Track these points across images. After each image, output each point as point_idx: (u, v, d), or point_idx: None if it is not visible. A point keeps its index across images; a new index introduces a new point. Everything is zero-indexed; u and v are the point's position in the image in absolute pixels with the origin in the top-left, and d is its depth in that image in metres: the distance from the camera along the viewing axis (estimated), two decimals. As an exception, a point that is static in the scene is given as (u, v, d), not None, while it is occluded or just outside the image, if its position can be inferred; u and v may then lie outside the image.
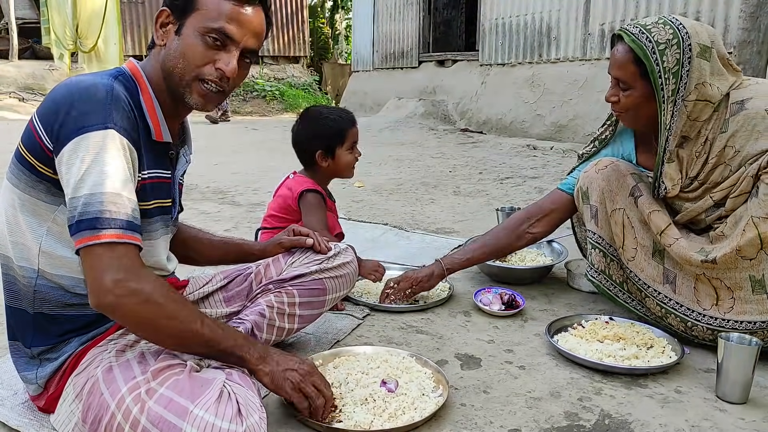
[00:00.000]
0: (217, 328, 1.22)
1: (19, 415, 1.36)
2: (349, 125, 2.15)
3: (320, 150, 2.13)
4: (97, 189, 1.10)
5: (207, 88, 1.26)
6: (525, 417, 1.42)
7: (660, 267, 1.80)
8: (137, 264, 1.14)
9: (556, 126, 6.66)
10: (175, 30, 1.26)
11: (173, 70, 1.26)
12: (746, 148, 1.66)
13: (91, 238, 1.09)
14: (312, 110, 2.22)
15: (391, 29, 10.11)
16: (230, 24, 1.23)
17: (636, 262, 1.83)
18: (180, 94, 1.28)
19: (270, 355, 1.27)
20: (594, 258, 1.92)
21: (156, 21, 1.27)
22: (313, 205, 2.10)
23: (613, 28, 6.14)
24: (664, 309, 1.78)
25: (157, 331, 1.16)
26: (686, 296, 1.74)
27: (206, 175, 4.81)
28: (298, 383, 1.26)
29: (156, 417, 1.10)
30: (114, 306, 1.11)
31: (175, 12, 1.25)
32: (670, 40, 1.66)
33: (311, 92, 15.53)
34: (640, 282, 1.82)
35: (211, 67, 1.24)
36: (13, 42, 12.56)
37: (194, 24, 1.23)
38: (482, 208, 3.69)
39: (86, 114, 1.13)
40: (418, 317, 2.01)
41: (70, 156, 1.11)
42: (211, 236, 1.72)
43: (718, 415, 1.43)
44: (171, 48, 1.26)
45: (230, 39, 1.24)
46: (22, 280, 1.25)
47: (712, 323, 1.69)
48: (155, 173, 1.30)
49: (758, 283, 1.62)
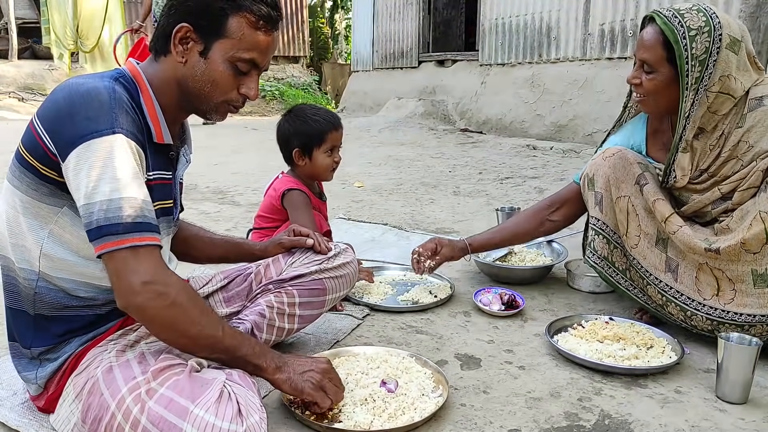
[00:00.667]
0: (237, 335, 1.25)
1: (18, 415, 1.36)
2: (330, 128, 2.13)
3: (297, 148, 2.13)
4: (115, 195, 1.11)
5: (230, 109, 1.32)
6: (525, 417, 1.42)
7: (663, 255, 1.80)
8: (161, 265, 1.16)
9: (556, 126, 6.65)
10: (199, 51, 1.25)
11: (200, 93, 1.28)
12: (760, 144, 1.68)
13: (114, 243, 1.11)
14: (297, 108, 2.21)
15: (391, 29, 10.11)
16: (261, 55, 1.28)
17: (639, 250, 1.83)
18: (201, 112, 1.33)
19: (285, 362, 1.29)
20: (597, 244, 1.93)
21: (174, 35, 1.24)
22: (299, 203, 2.09)
23: (613, 29, 6.15)
24: (665, 297, 1.78)
25: (180, 334, 1.17)
26: (687, 285, 1.75)
27: (206, 175, 4.81)
28: (318, 382, 1.29)
29: (156, 417, 1.11)
30: (142, 308, 1.13)
31: (199, 31, 1.24)
32: (701, 27, 1.66)
33: (311, 92, 15.53)
34: (643, 270, 1.83)
35: (236, 92, 1.29)
36: (13, 42, 12.56)
37: (224, 50, 1.24)
38: (482, 208, 3.69)
39: (92, 119, 1.13)
40: (418, 317, 2.01)
41: (78, 162, 1.11)
42: (212, 235, 1.73)
43: (718, 416, 1.43)
44: (196, 69, 1.26)
45: (258, 67, 1.29)
46: (23, 282, 1.25)
47: (712, 314, 1.70)
48: (158, 174, 1.30)
49: (760, 278, 1.62)
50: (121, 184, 1.12)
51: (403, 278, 2.37)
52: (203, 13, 1.23)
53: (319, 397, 1.29)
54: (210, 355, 1.23)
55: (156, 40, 1.29)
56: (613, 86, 6.00)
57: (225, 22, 1.23)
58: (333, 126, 2.14)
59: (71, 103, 1.14)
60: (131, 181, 1.13)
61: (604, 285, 2.23)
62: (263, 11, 1.25)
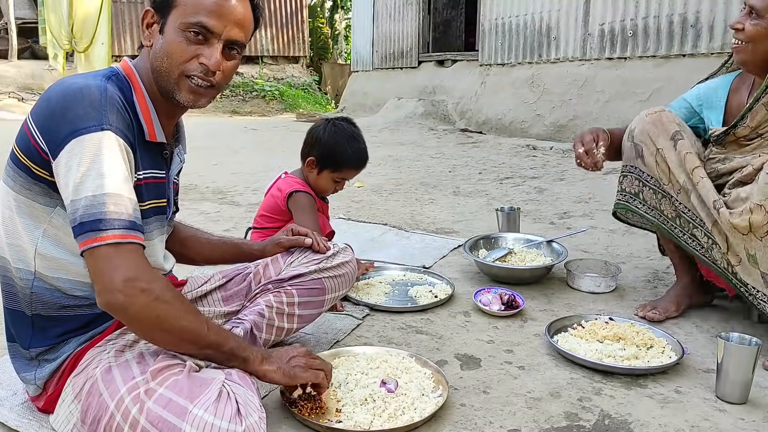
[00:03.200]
0: (221, 331, 1.25)
1: (18, 416, 1.36)
2: (353, 165, 2.13)
3: (314, 158, 2.12)
4: (99, 191, 1.10)
5: (194, 83, 1.26)
6: (525, 417, 1.41)
7: (691, 203, 1.86)
8: (144, 263, 1.15)
9: (556, 126, 6.65)
10: (159, 29, 1.26)
11: (160, 69, 1.26)
12: None
13: (96, 239, 1.10)
14: (345, 126, 2.16)
15: (391, 29, 10.11)
16: (209, 17, 1.22)
17: (682, 196, 1.89)
18: (170, 93, 1.27)
19: (270, 354, 1.30)
20: (646, 194, 1.97)
21: (142, 22, 1.28)
22: (304, 205, 2.09)
23: (613, 29, 6.15)
24: (711, 241, 1.82)
25: (164, 331, 1.16)
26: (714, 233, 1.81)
27: (206, 175, 4.81)
28: (306, 364, 1.30)
29: (155, 417, 1.10)
30: (124, 305, 1.11)
31: (158, 11, 1.25)
32: None
33: (311, 92, 15.53)
34: (690, 213, 1.88)
35: (194, 62, 1.24)
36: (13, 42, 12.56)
37: (175, 21, 1.23)
38: (482, 208, 3.69)
39: (81, 116, 1.13)
40: (418, 317, 2.00)
41: (68, 159, 1.11)
42: (209, 236, 1.72)
43: (717, 416, 1.43)
44: (156, 47, 1.26)
45: (211, 32, 1.23)
46: (20, 282, 1.25)
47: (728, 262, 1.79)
48: (150, 173, 1.30)
49: (752, 258, 1.70)
50: (107, 181, 1.11)
51: (403, 278, 2.37)
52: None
53: (313, 376, 1.30)
54: (197, 351, 1.22)
55: (141, 33, 1.30)
56: (613, 86, 6.01)
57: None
58: (356, 165, 2.14)
59: (63, 101, 1.14)
60: (117, 178, 1.12)
61: (604, 285, 2.23)
62: None
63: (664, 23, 5.65)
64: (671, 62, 5.61)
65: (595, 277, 2.25)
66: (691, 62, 5.39)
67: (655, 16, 5.72)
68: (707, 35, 5.31)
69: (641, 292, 2.24)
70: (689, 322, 1.96)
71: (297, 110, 13.19)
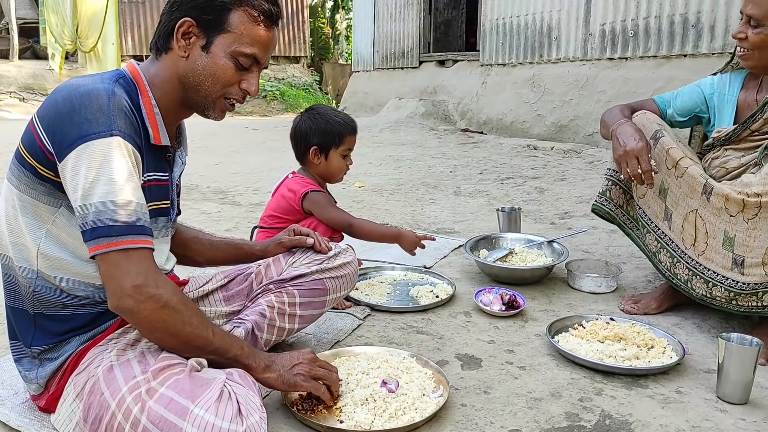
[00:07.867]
0: (226, 337, 1.27)
1: (19, 415, 1.36)
2: (350, 131, 2.16)
3: (315, 146, 2.13)
4: (110, 197, 1.12)
5: (229, 104, 1.33)
6: (525, 417, 1.42)
7: (663, 204, 1.93)
8: (153, 268, 1.17)
9: (557, 126, 6.65)
10: (201, 45, 1.27)
11: (199, 87, 1.29)
12: None
13: (107, 245, 1.12)
14: (318, 106, 2.23)
15: (392, 29, 10.10)
16: (262, 50, 1.29)
17: (645, 200, 2.00)
18: (202, 108, 1.33)
19: (273, 361, 1.30)
20: (613, 194, 2.11)
21: (177, 30, 1.26)
22: (323, 202, 2.12)
23: (614, 29, 6.14)
24: (660, 244, 1.96)
25: (171, 335, 1.19)
26: (676, 233, 1.90)
27: (206, 175, 4.81)
28: (308, 373, 1.31)
29: (156, 417, 1.11)
30: (133, 310, 1.14)
31: (201, 26, 1.26)
32: None
33: (312, 92, 15.53)
34: (646, 218, 2.01)
35: (236, 87, 1.31)
36: (14, 42, 12.57)
37: (226, 45, 1.26)
38: (483, 208, 3.69)
39: (90, 120, 1.13)
40: (419, 317, 2.00)
41: (75, 163, 1.12)
42: (211, 237, 1.73)
43: (718, 416, 1.43)
44: (197, 63, 1.27)
45: (258, 63, 1.30)
46: (22, 280, 1.26)
47: (690, 263, 1.85)
48: (154, 176, 1.31)
49: (728, 240, 1.71)
50: (117, 187, 1.12)
51: (403, 278, 2.37)
52: (205, 8, 1.25)
53: (313, 387, 1.31)
54: (201, 356, 1.24)
55: (157, 38, 1.30)
56: (614, 86, 6.00)
57: (227, 16, 1.25)
58: (352, 129, 2.17)
59: (70, 104, 1.15)
60: (126, 183, 1.14)
61: (605, 285, 2.23)
62: (264, 7, 1.28)
63: (665, 23, 5.64)
64: (672, 62, 5.61)
65: (596, 278, 2.25)
66: (692, 62, 5.39)
67: (656, 16, 5.71)
68: (708, 35, 5.30)
69: (642, 292, 2.24)
70: (690, 323, 1.96)
71: (298, 110, 13.16)
